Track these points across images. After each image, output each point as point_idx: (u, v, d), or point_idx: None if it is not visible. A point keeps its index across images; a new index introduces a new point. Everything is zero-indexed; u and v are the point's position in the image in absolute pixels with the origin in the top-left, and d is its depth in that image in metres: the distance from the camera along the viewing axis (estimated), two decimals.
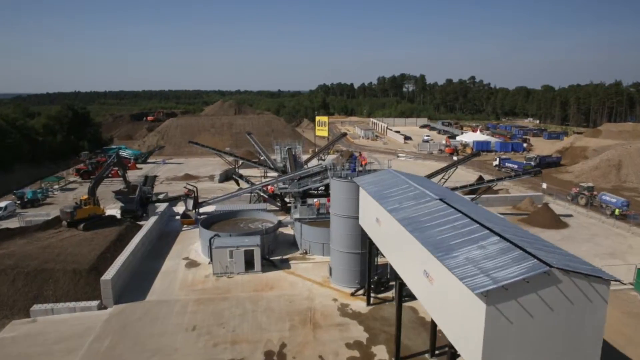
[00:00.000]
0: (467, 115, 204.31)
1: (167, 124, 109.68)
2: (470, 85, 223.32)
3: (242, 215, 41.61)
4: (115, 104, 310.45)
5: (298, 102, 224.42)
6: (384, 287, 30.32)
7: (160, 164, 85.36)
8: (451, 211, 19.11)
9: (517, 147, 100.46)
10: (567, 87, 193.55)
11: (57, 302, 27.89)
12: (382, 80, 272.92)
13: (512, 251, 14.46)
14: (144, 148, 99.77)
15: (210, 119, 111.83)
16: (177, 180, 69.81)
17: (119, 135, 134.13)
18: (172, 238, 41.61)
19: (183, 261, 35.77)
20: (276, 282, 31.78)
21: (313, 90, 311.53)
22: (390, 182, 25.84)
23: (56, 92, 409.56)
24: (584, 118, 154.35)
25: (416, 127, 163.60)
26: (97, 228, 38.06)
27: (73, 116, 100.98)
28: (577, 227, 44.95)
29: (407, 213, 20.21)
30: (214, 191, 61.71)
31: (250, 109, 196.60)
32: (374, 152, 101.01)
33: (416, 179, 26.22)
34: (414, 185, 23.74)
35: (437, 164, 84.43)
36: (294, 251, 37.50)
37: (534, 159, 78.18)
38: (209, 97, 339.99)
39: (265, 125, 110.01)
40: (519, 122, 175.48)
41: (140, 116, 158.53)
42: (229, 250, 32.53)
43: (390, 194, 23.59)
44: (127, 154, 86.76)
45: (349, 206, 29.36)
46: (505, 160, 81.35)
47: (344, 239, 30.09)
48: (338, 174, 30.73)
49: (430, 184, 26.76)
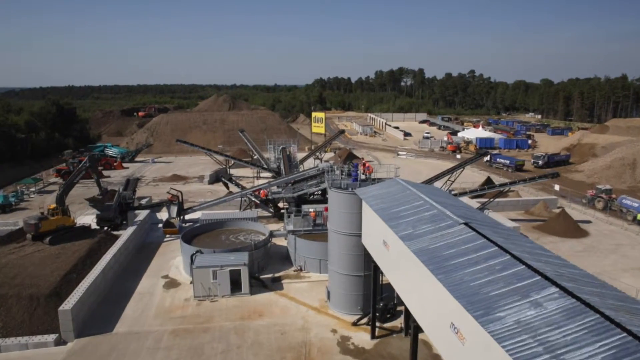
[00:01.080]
0: (467, 110, 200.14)
1: (156, 120, 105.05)
2: (470, 79, 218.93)
3: (229, 225, 37.44)
4: (109, 98, 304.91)
5: (294, 96, 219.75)
6: (391, 314, 26.29)
7: (148, 163, 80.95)
8: (482, 242, 15.02)
9: (522, 143, 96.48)
10: (567, 81, 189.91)
11: (6, 337, 23.69)
12: (380, 74, 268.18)
13: (583, 314, 10.39)
14: (132, 146, 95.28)
15: (202, 115, 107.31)
16: (164, 181, 65.49)
17: (108, 131, 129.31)
18: (153, 250, 37.45)
19: (161, 280, 31.62)
20: (266, 307, 27.69)
21: (310, 84, 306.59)
22: (399, 196, 21.70)
23: (49, 86, 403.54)
24: (588, 113, 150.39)
25: (415, 122, 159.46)
26: (65, 241, 33.83)
27: (58, 112, 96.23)
28: (598, 236, 41.02)
29: (424, 242, 16.09)
30: (203, 194, 57.55)
31: (245, 103, 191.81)
32: (372, 149, 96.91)
33: (429, 192, 22.11)
34: (429, 202, 19.63)
35: (439, 162, 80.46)
36: (288, 267, 33.42)
37: (542, 157, 74.23)
38: (204, 92, 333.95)
39: (260, 122, 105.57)
40: (521, 117, 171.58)
41: (131, 111, 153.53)
42: (212, 270, 28.40)
43: (400, 212, 19.47)
44: (113, 153, 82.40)
45: (349, 222, 25.24)
46: (497, 156, 77.82)
47: (344, 260, 26.00)
48: (337, 183, 26.56)
49: (447, 197, 22.65)
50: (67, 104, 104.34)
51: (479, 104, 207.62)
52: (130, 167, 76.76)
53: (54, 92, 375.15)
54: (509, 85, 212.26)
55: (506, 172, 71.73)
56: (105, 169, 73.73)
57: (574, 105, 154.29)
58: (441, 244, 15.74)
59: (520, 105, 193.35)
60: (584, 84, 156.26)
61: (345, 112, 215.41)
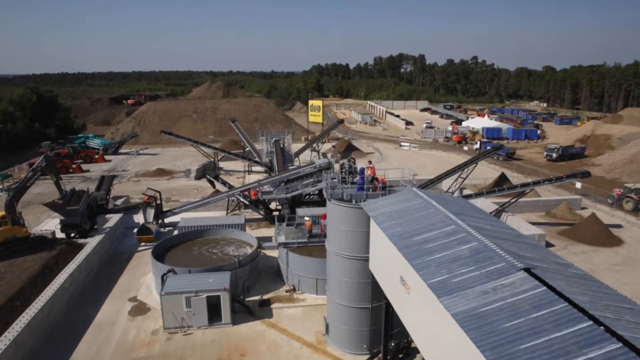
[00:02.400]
0: (469, 98, 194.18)
1: (144, 109, 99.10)
2: (472, 65, 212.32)
3: (211, 234, 32.22)
4: (103, 85, 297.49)
5: (291, 83, 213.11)
6: (404, 354, 21.31)
7: (133, 155, 75.41)
8: (565, 309, 9.84)
9: (531, 134, 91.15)
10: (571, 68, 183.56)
11: None
12: (379, 61, 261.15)
13: None
14: (118, 136, 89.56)
15: (192, 103, 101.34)
16: (147, 176, 60.09)
17: (95, 120, 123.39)
18: (123, 263, 32.29)
19: (128, 304, 26.50)
20: (251, 342, 22.63)
21: (307, 71, 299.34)
22: (421, 215, 16.47)
23: (42, 73, 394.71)
24: (597, 102, 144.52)
25: (416, 110, 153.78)
26: (17, 256, 28.67)
27: (38, 100, 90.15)
28: (634, 244, 36.01)
29: (470, 302, 10.90)
30: (188, 191, 52.31)
31: (240, 91, 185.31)
32: (373, 139, 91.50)
33: (460, 209, 16.93)
34: (464, 228, 14.45)
35: (445, 154, 75.26)
36: (279, 286, 28.34)
37: (556, 150, 68.99)
38: (200, 79, 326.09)
39: (254, 110, 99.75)
40: (525, 106, 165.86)
41: (120, 99, 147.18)
42: (185, 296, 23.28)
43: (426, 244, 14.25)
44: (95, 144, 76.72)
45: (353, 242, 20.11)
46: (487, 144, 74.27)
47: (346, 289, 20.91)
48: (337, 192, 21.31)
49: (484, 218, 17.36)
50: (47, 91, 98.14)
51: (481, 92, 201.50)
52: (112, 160, 71.24)
53: (47, 80, 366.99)
54: (510, 73, 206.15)
55: (497, 160, 68.62)
56: (85, 162, 68.30)
57: (582, 94, 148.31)
58: (496, 306, 10.56)
59: (525, 93, 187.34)
60: (593, 71, 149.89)
61: (344, 100, 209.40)
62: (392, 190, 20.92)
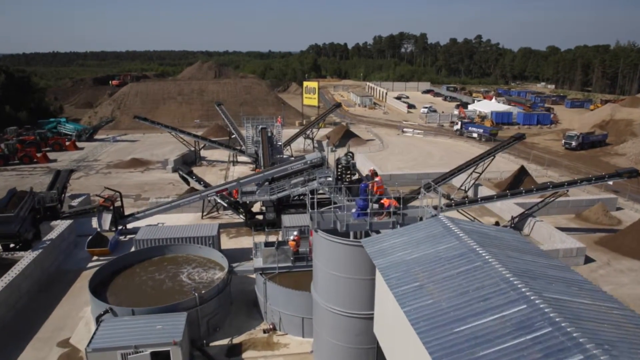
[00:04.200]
0: (473, 79, 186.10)
1: (125, 90, 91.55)
2: (476, 45, 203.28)
3: (173, 251, 25.80)
4: (94, 65, 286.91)
5: (286, 64, 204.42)
6: None
7: (109, 142, 68.56)
8: None
9: (543, 119, 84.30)
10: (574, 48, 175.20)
11: None
12: (379, 40, 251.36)
13: None
14: (96, 120, 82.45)
15: (177, 84, 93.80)
16: (120, 168, 53.45)
17: (77, 102, 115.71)
18: (65, 286, 26.00)
19: (56, 351, 20.26)
20: None
21: (304, 51, 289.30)
22: (460, 277, 10.04)
23: (33, 52, 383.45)
24: (610, 83, 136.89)
25: (418, 92, 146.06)
26: None
27: (7, 81, 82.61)
28: None
29: None
30: (163, 186, 45.85)
31: (233, 71, 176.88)
32: (373, 124, 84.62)
33: (525, 263, 10.53)
34: (547, 315, 8.07)
35: (452, 141, 68.58)
36: (255, 323, 22.12)
37: (576, 137, 62.36)
38: (195, 58, 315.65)
39: (244, 92, 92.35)
40: (532, 87, 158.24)
41: (106, 80, 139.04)
42: (121, 353, 17.02)
43: (480, 346, 7.88)
44: (67, 129, 69.73)
45: (349, 294, 13.77)
46: (468, 125, 72.49)
47: (339, 355, 14.63)
48: (327, 222, 14.83)
49: (576, 284, 10.93)
50: (19, 71, 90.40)
51: (485, 73, 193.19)
52: (85, 148, 64.42)
53: (37, 58, 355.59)
54: (514, 53, 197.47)
55: (479, 141, 66.56)
56: (54, 151, 61.54)
57: (593, 75, 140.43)
58: None
59: (530, 74, 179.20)
60: (606, 51, 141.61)
61: (342, 81, 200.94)
62: (407, 215, 14.45)
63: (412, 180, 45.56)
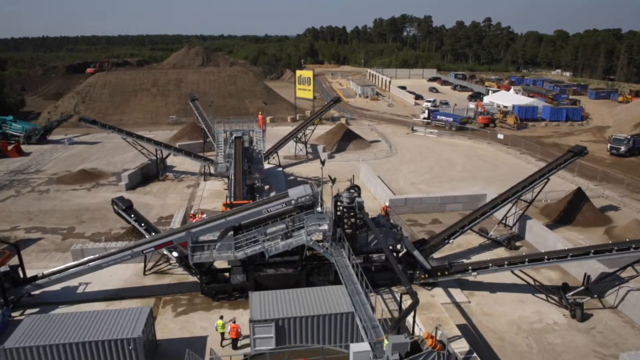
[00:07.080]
0: (482, 65, 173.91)
1: (91, 81, 79.72)
2: (485, 29, 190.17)
3: None
4: (84, 50, 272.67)
5: (281, 48, 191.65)
6: None
7: (63, 144, 57.46)
8: None
9: (573, 114, 73.10)
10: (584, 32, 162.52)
11: None
12: (380, 23, 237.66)
13: None
14: (56, 116, 71.08)
15: (152, 74, 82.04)
16: (63, 183, 42.66)
17: (46, 93, 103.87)
18: None
19: None
20: None
21: (301, 35, 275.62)
22: None
23: (22, 37, 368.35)
24: (636, 72, 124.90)
25: (424, 80, 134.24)
26: None
27: None
28: None
29: None
30: (106, 214, 34.94)
31: (223, 57, 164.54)
32: (376, 120, 73.46)
33: None
34: None
35: (473, 144, 57.56)
36: None
37: (626, 142, 51.33)
38: (189, 43, 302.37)
39: (228, 82, 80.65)
40: (547, 75, 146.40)
41: (82, 67, 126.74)
42: None
43: None
44: (15, 130, 58.54)
45: None
46: (437, 113, 68.17)
47: None
48: None
49: None
50: None
51: (494, 59, 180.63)
52: (33, 153, 53.34)
53: (27, 43, 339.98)
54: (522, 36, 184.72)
55: (450, 130, 63.47)
56: None
57: (617, 62, 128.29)
58: None
59: (543, 60, 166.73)
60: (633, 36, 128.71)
61: (340, 67, 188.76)
62: None
63: (434, 206, 34.92)
